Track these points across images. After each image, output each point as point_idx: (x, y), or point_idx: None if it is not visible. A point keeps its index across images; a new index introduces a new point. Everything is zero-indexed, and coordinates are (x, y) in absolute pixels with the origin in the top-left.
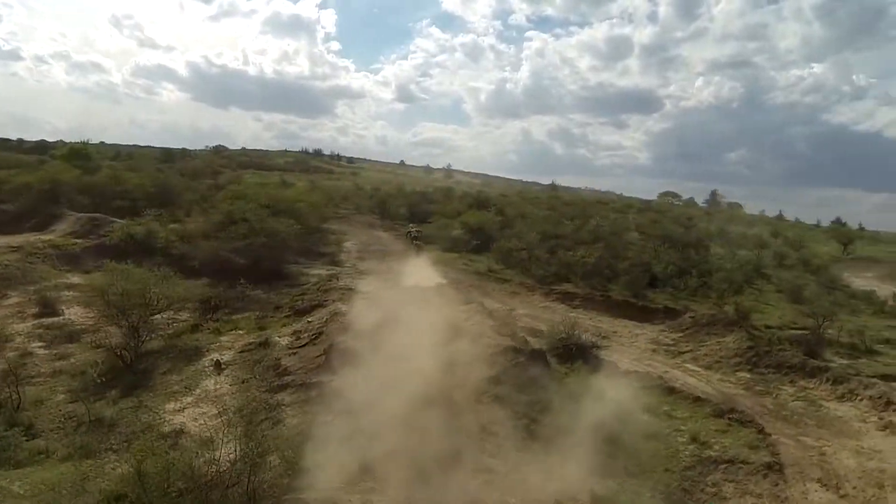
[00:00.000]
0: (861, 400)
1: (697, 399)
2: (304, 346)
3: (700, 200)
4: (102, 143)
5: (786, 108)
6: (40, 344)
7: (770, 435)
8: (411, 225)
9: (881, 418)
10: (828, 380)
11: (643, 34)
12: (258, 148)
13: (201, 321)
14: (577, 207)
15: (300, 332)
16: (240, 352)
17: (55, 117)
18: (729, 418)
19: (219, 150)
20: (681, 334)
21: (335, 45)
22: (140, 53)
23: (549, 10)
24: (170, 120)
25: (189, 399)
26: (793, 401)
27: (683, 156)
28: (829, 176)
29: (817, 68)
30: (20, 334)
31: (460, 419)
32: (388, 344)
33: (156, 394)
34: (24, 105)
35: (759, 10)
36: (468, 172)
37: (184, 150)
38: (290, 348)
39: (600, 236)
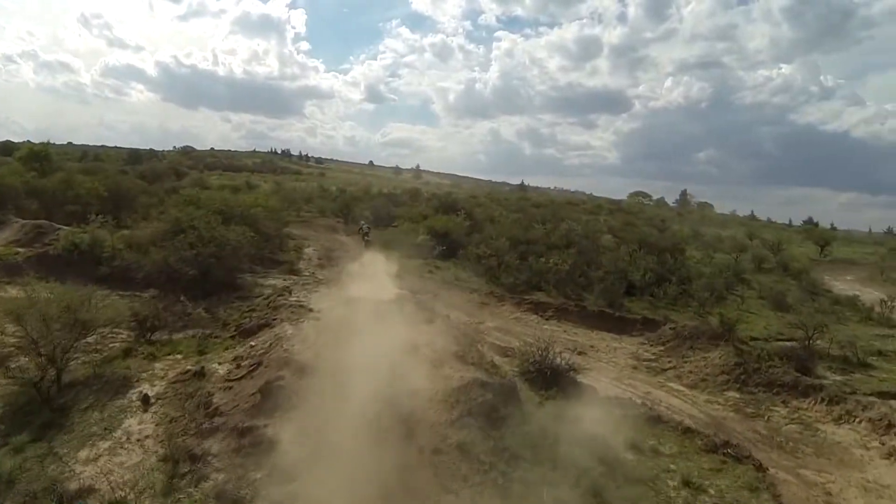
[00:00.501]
0: (860, 422)
1: (687, 430)
2: (241, 377)
3: (670, 200)
4: (70, 143)
5: (754, 107)
6: None
7: (768, 470)
8: (363, 221)
9: (883, 443)
10: (823, 399)
11: (613, 35)
12: (226, 149)
13: (137, 343)
14: (548, 210)
15: (241, 357)
16: (172, 382)
17: (23, 117)
18: (723, 454)
19: (186, 151)
20: (662, 348)
21: (305, 46)
22: (109, 53)
23: (518, 11)
24: (139, 121)
25: (106, 444)
26: (787, 424)
27: (652, 155)
28: (797, 175)
29: (786, 69)
30: None
31: (416, 477)
32: (334, 379)
33: (71, 436)
34: None
35: (729, 11)
36: (437, 173)
37: (151, 151)
38: (226, 380)
39: (573, 241)
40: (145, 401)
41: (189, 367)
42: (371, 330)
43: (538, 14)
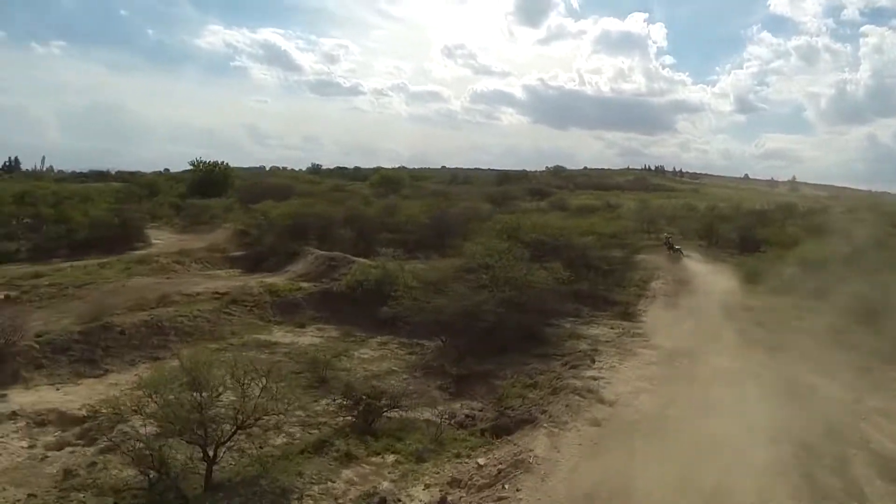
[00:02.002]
0: None
1: None
2: None
3: None
4: (444, 167)
5: None
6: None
7: None
8: (665, 234)
9: None
10: None
11: None
12: (600, 167)
13: (350, 429)
14: None
15: (457, 484)
16: None
17: (397, 145)
18: None
19: (557, 171)
20: None
21: (669, 60)
22: (476, 80)
23: (882, 1)
24: (511, 143)
25: None
26: None
27: None
28: None
29: None
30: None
31: None
32: None
33: None
34: (368, 136)
35: None
36: (814, 185)
37: (523, 172)
38: None
39: None
40: None
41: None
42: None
43: None
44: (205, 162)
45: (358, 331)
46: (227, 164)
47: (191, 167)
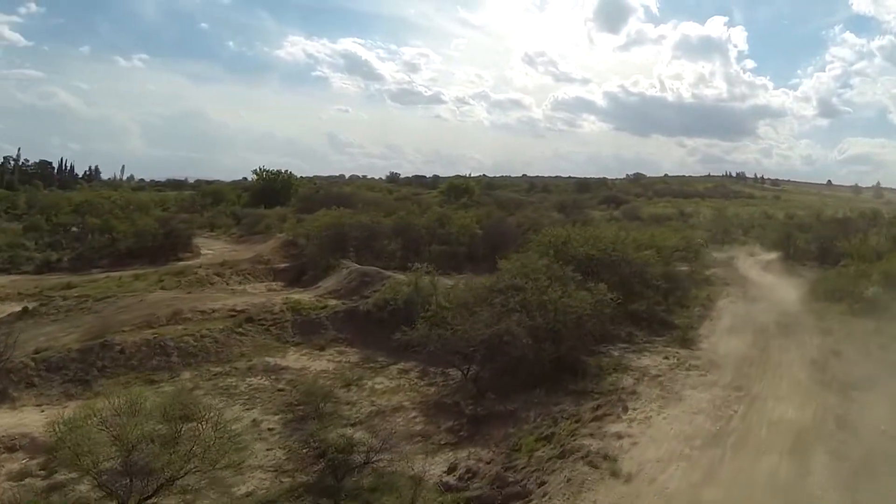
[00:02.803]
0: None
1: None
2: None
3: None
4: (524, 175)
5: None
6: None
7: None
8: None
9: None
10: None
11: None
12: (682, 174)
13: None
14: None
15: None
16: None
17: (480, 153)
18: None
19: (636, 179)
20: None
21: (750, 64)
22: (557, 88)
23: None
24: (593, 150)
25: None
26: None
27: None
28: None
29: None
30: None
31: None
32: None
33: None
34: (449, 144)
35: None
36: None
37: (602, 179)
38: None
39: None
40: None
41: None
42: None
43: None
44: (268, 170)
45: (380, 355)
46: (289, 172)
47: (255, 175)
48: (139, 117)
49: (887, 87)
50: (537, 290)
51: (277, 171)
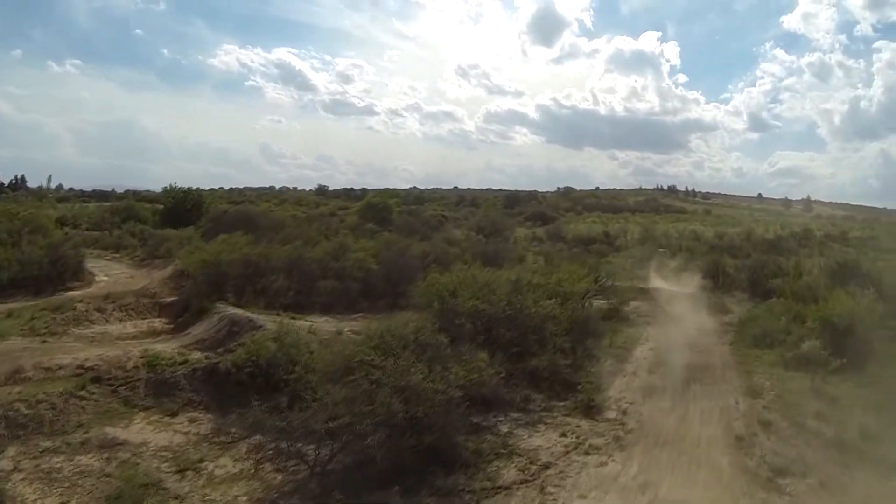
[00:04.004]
0: None
1: None
2: None
3: None
4: (455, 188)
5: None
6: None
7: None
8: None
9: None
10: None
11: None
12: (613, 187)
13: None
14: None
15: None
16: None
17: (412, 165)
18: None
19: (567, 193)
20: None
21: (682, 78)
22: (490, 100)
23: (895, 16)
24: (525, 163)
25: None
26: None
27: None
28: None
29: None
30: None
31: None
32: None
33: None
34: (382, 155)
35: None
36: (829, 203)
37: (533, 193)
38: None
39: None
40: None
41: None
42: None
43: None
44: (178, 188)
45: (236, 426)
46: (200, 191)
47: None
48: (71, 124)
49: (816, 102)
50: (396, 373)
51: (188, 189)
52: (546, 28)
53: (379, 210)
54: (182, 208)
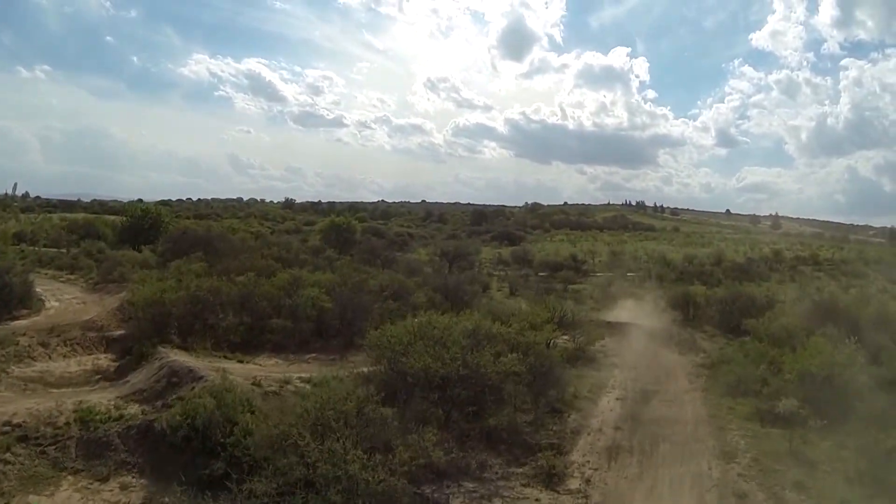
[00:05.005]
0: None
1: None
2: None
3: None
4: (424, 201)
5: None
6: None
7: None
8: None
9: None
10: None
11: None
12: (582, 202)
13: None
14: None
15: None
16: None
17: (380, 177)
18: None
19: (534, 209)
20: None
21: (651, 94)
22: (459, 114)
23: (861, 34)
24: (493, 176)
25: None
26: None
27: None
28: None
29: None
30: None
31: None
32: None
33: None
34: (350, 168)
35: None
36: (797, 219)
37: (501, 208)
38: None
39: None
40: None
41: None
42: None
43: (883, 35)
44: (137, 205)
45: (171, 493)
46: (159, 210)
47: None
48: (39, 131)
49: (783, 118)
50: (331, 463)
51: (147, 208)
52: (516, 43)
53: (342, 231)
54: (140, 227)
